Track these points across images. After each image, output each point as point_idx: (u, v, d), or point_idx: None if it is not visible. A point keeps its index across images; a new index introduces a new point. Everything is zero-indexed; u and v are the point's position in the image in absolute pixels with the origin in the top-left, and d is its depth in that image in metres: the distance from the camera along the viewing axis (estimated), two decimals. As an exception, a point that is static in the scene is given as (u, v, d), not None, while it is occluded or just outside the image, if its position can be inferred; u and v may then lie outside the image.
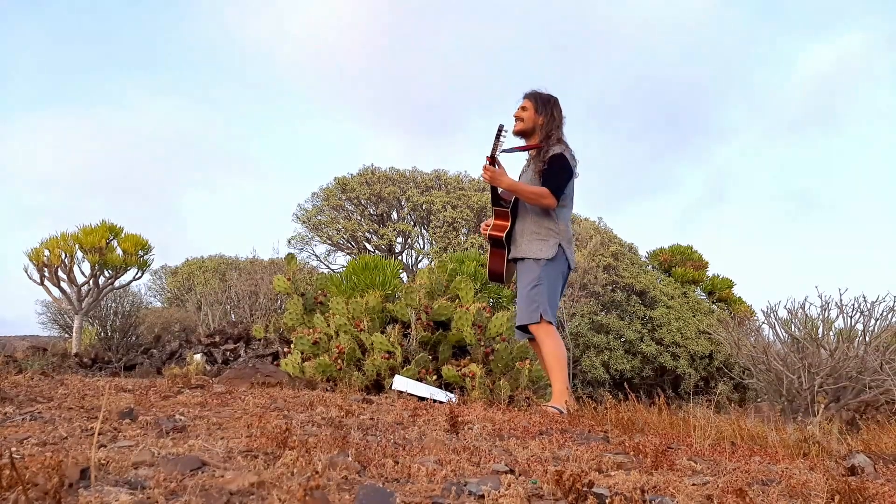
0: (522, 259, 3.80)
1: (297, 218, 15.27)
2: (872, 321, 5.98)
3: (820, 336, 6.16)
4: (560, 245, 3.75)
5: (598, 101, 32.24)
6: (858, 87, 32.66)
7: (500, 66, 32.82)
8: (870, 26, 33.29)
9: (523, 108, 3.84)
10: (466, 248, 12.96)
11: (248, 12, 32.20)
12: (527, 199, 3.72)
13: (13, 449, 1.56)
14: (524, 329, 3.82)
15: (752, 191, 33.32)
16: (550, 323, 3.69)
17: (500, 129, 3.72)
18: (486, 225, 4.04)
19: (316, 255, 15.42)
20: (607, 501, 1.28)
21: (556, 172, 3.66)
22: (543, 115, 3.78)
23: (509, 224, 3.87)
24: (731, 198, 33.20)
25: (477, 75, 33.31)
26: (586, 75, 33.84)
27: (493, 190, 3.88)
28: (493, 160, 3.73)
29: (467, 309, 4.91)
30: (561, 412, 3.33)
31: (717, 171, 34.48)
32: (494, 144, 3.73)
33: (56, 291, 8.92)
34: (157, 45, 30.20)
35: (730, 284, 14.87)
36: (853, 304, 6.08)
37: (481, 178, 3.82)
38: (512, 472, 1.64)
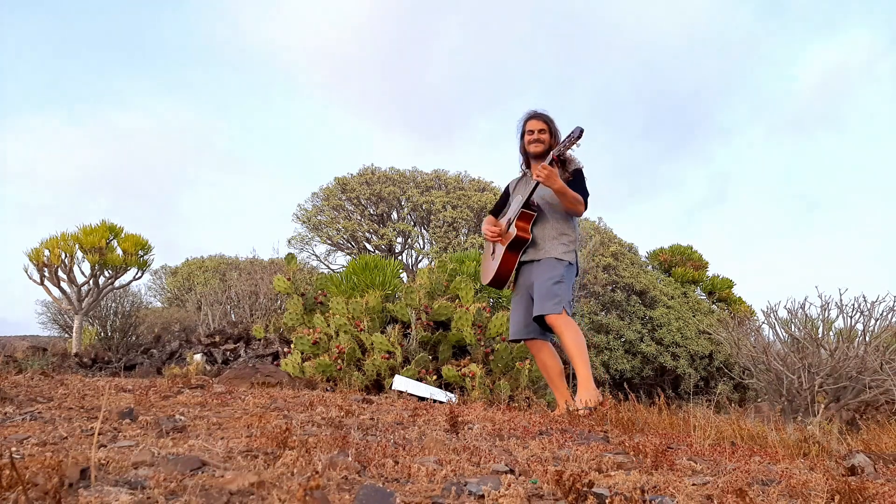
0: (540, 260, 3.83)
1: (297, 218, 15.27)
2: (872, 321, 5.98)
3: (820, 336, 6.16)
4: (574, 252, 3.89)
5: (599, 101, 32.27)
6: (861, 87, 32.69)
7: (501, 66, 32.86)
8: (873, 26, 33.32)
9: (542, 131, 3.93)
10: (466, 248, 12.95)
11: (249, 12, 32.23)
12: (568, 203, 3.77)
13: (13, 449, 1.56)
14: (538, 321, 3.78)
15: (753, 191, 33.36)
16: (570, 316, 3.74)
17: (581, 133, 3.60)
18: (492, 228, 3.99)
19: (316, 255, 15.41)
20: (607, 501, 1.28)
21: (584, 184, 3.87)
22: (555, 135, 3.96)
23: (530, 227, 3.88)
24: (732, 198, 33.25)
25: (478, 76, 33.35)
26: (588, 75, 33.87)
27: (531, 192, 3.84)
28: (558, 160, 3.73)
29: (467, 309, 4.91)
30: (590, 410, 3.30)
31: (719, 171, 34.54)
32: (567, 145, 3.63)
33: (56, 291, 8.92)
34: (157, 45, 30.20)
35: (730, 284, 14.87)
36: (853, 304, 6.08)
37: (535, 176, 3.65)
38: (512, 472, 1.64)
